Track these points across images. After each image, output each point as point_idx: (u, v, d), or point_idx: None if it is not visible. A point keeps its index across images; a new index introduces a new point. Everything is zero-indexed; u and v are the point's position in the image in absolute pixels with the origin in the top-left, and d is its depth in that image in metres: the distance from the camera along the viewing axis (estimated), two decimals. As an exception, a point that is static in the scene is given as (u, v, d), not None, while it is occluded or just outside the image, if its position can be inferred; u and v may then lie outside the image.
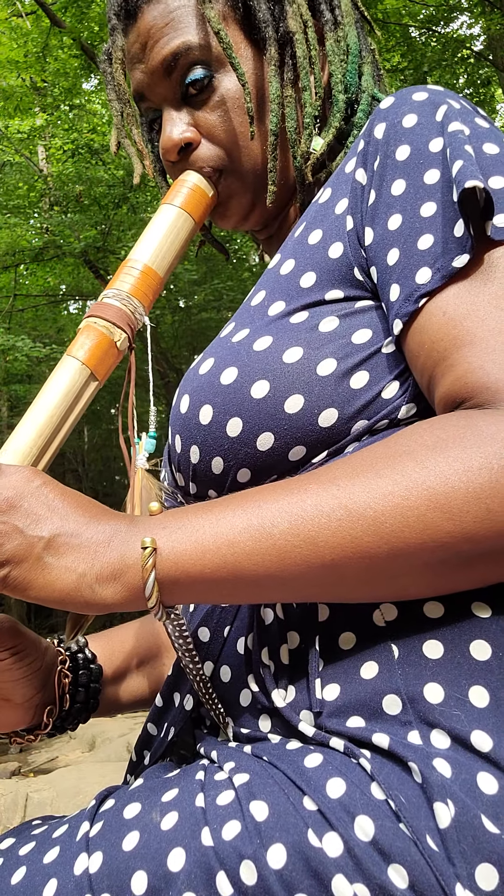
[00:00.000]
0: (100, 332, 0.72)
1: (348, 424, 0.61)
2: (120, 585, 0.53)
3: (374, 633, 0.56)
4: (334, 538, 0.50)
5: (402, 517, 0.49)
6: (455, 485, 0.49)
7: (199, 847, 0.49)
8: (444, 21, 8.61)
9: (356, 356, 0.62)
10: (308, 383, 0.61)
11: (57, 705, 0.77)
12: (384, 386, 0.61)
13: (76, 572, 0.53)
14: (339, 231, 0.67)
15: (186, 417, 0.66)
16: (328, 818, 0.47)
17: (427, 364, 0.58)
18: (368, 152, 0.67)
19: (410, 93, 0.67)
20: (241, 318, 0.70)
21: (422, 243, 0.59)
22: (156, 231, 0.80)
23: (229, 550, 0.52)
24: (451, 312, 0.56)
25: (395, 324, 0.60)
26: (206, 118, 0.78)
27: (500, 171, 0.60)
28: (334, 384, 0.61)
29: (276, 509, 0.52)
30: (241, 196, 0.82)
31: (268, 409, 0.61)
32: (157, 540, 0.53)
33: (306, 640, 0.59)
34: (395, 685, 0.53)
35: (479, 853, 0.45)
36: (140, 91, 0.81)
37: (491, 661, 0.53)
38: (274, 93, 0.78)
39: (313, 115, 0.79)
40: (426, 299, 0.58)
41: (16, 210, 9.12)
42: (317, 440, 0.61)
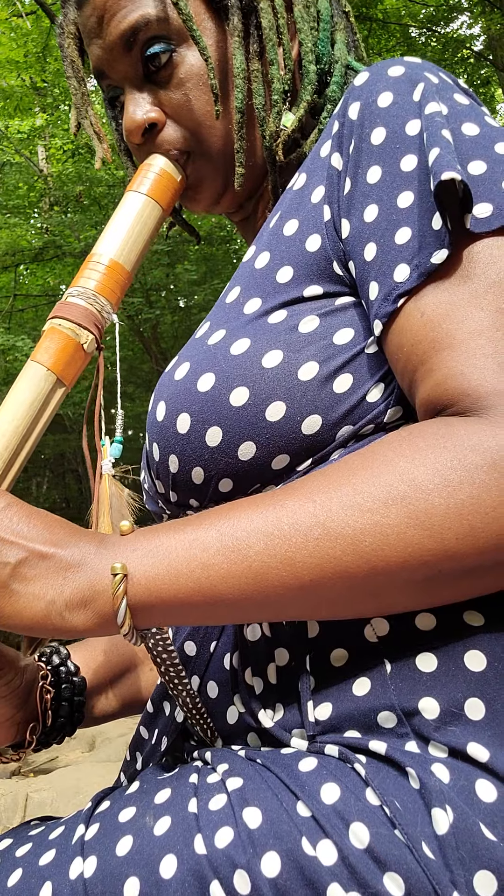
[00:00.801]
0: (65, 334, 0.69)
1: (333, 431, 0.58)
2: (91, 612, 0.52)
3: (366, 649, 0.54)
4: (312, 558, 0.48)
5: (381, 535, 0.47)
6: (435, 501, 0.47)
7: (192, 855, 0.48)
8: (444, 21, 8.62)
9: (338, 358, 0.59)
10: (289, 389, 0.58)
11: (40, 722, 0.75)
12: (369, 389, 0.59)
13: (45, 600, 0.51)
14: (316, 222, 0.64)
15: (163, 426, 0.63)
16: (322, 825, 0.46)
17: (407, 368, 0.55)
18: (343, 134, 0.64)
19: (386, 67, 0.63)
20: (217, 317, 0.66)
21: (399, 237, 0.56)
22: (121, 221, 0.75)
23: (203, 573, 0.50)
24: (429, 313, 0.54)
25: (375, 324, 0.57)
26: (170, 97, 0.73)
27: (479, 154, 0.56)
28: (317, 389, 0.58)
29: (251, 529, 0.50)
30: (211, 179, 0.78)
31: (248, 418, 0.58)
32: (128, 564, 0.51)
33: (296, 658, 0.57)
34: (389, 701, 0.52)
35: (478, 860, 0.44)
36: (99, 68, 0.76)
37: (486, 672, 0.51)
38: (238, 66, 0.72)
39: (283, 90, 0.74)
40: (405, 299, 0.55)
41: (16, 210, 9.13)
42: (300, 448, 0.58)
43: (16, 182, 9.24)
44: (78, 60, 0.79)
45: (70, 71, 0.80)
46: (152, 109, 0.74)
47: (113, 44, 0.72)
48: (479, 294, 0.53)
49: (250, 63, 0.74)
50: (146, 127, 0.74)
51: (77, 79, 0.80)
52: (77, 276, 0.73)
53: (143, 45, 0.72)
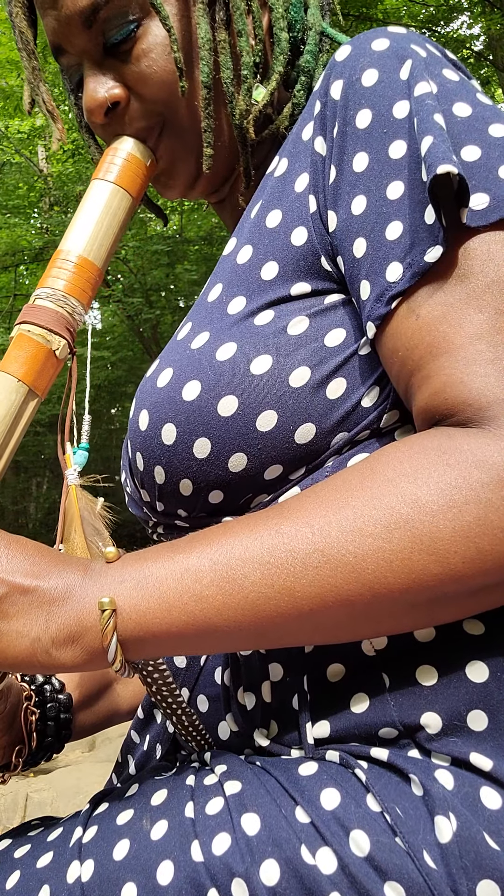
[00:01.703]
0: (35, 341, 0.65)
1: (328, 438, 0.56)
2: (79, 649, 0.48)
3: (363, 663, 0.52)
4: (312, 588, 0.46)
5: (384, 561, 0.45)
6: (441, 524, 0.44)
7: (189, 862, 0.47)
8: (444, 21, 8.62)
9: (331, 362, 0.56)
10: (280, 397, 0.55)
11: (26, 744, 0.73)
12: (364, 393, 0.56)
13: (29, 637, 0.48)
14: (301, 213, 0.59)
15: (147, 436, 0.59)
16: (322, 832, 0.45)
17: (402, 373, 0.52)
18: (326, 116, 0.59)
19: (369, 40, 0.59)
20: (199, 318, 0.62)
21: (390, 232, 0.53)
22: (89, 214, 0.70)
23: (197, 606, 0.47)
24: (424, 315, 0.50)
25: (368, 327, 0.54)
26: (133, 71, 0.67)
27: (473, 138, 0.52)
28: (309, 396, 0.55)
29: (246, 557, 0.47)
30: (184, 161, 0.72)
31: (238, 428, 0.55)
32: (117, 597, 0.48)
33: (290, 673, 0.55)
34: (390, 718, 0.50)
35: (481, 869, 0.43)
36: (56, 43, 0.69)
37: (489, 683, 0.49)
38: (203, 37, 0.67)
39: (253, 63, 0.68)
40: (398, 300, 0.52)
41: (16, 210, 9.13)
42: (294, 457, 0.56)
43: (16, 182, 9.24)
44: (28, 32, 0.73)
45: (20, 43, 0.74)
46: (115, 86, 0.68)
47: (70, 18, 0.66)
48: (476, 294, 0.49)
49: (216, 33, 0.68)
50: (109, 106, 0.69)
51: (27, 52, 0.74)
52: (44, 276, 0.69)
53: (103, 24, 0.66)
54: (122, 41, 0.66)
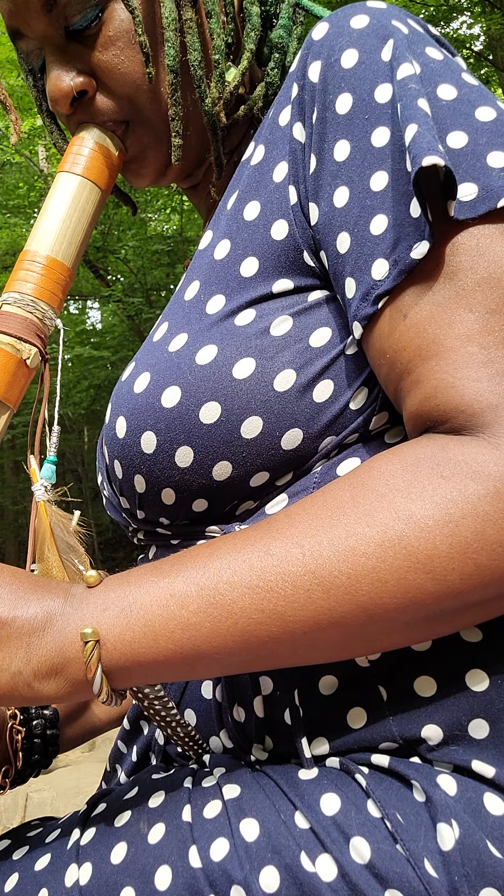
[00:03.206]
0: (4, 351, 0.62)
1: (315, 443, 0.54)
2: (63, 680, 0.46)
3: (357, 675, 0.51)
4: (304, 611, 0.44)
5: (379, 581, 0.43)
6: (437, 540, 0.42)
7: (187, 868, 0.46)
8: (444, 21, 8.61)
9: (317, 363, 0.54)
10: (265, 402, 0.53)
11: (12, 764, 0.72)
12: (351, 396, 0.54)
13: (9, 671, 0.46)
14: (281, 205, 0.57)
15: (125, 444, 0.56)
16: (321, 839, 0.45)
17: (391, 376, 0.50)
18: (304, 100, 0.56)
19: (348, 17, 0.55)
20: (176, 318, 0.59)
21: (374, 227, 0.50)
22: (56, 210, 0.66)
23: (184, 634, 0.45)
24: (412, 315, 0.48)
25: (354, 327, 0.52)
26: (99, 59, 0.64)
27: (459, 123, 0.49)
28: (295, 400, 0.53)
29: (234, 581, 0.45)
30: (154, 150, 0.69)
31: (221, 436, 0.53)
32: (100, 627, 0.46)
33: (281, 687, 0.53)
34: (389, 732, 0.49)
35: (484, 878, 0.42)
36: (13, 26, 0.65)
37: (489, 691, 0.48)
38: (168, 16, 0.62)
39: (224, 43, 0.64)
40: (385, 299, 0.49)
41: (16, 210, 9.12)
42: (281, 463, 0.54)
43: (16, 182, 9.23)
44: None
45: None
46: (79, 75, 0.65)
47: (27, 1, 0.62)
48: (466, 292, 0.47)
49: (182, 12, 0.63)
50: (74, 95, 0.65)
51: None
52: (11, 279, 0.65)
53: (64, 8, 0.62)
54: (86, 27, 0.63)
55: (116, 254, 9.22)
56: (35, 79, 0.72)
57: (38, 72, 0.70)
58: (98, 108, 0.66)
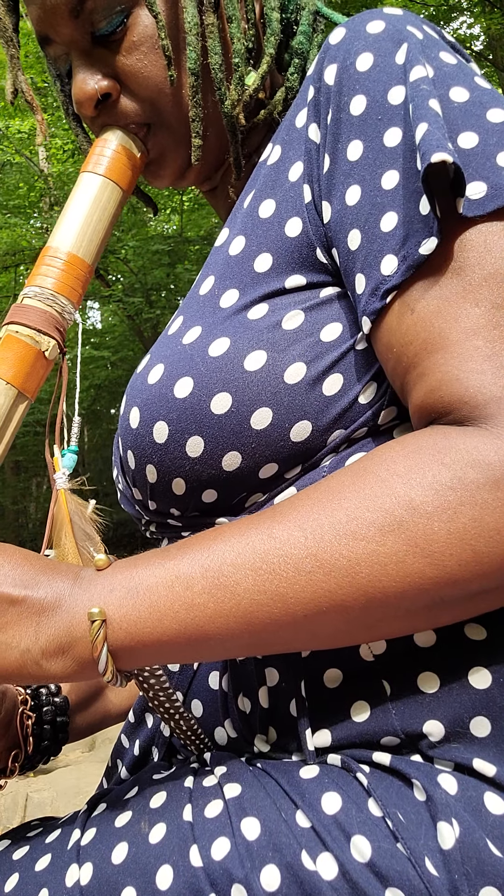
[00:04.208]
0: (24, 342, 0.63)
1: (324, 436, 0.54)
2: (69, 659, 0.47)
3: (362, 669, 0.51)
4: (305, 593, 0.44)
5: (378, 564, 0.43)
6: (435, 526, 0.43)
7: (188, 867, 0.46)
8: (444, 21, 8.62)
9: (327, 357, 0.55)
10: (275, 394, 0.53)
11: (22, 749, 0.73)
12: (360, 390, 0.55)
13: (18, 649, 0.47)
14: (295, 203, 0.58)
15: (138, 434, 0.58)
16: (322, 837, 0.45)
17: (398, 369, 0.51)
18: (320, 102, 0.57)
19: (364, 22, 0.57)
20: (190, 311, 0.60)
21: (385, 224, 0.51)
22: (78, 208, 0.68)
23: (188, 614, 0.46)
24: (419, 310, 0.49)
25: (363, 322, 0.53)
26: (123, 63, 0.66)
27: (470, 124, 0.50)
28: (305, 392, 0.54)
29: (238, 563, 0.46)
30: (174, 152, 0.71)
31: (231, 426, 0.54)
32: (107, 607, 0.47)
33: (287, 679, 0.54)
34: (391, 726, 0.49)
35: (484, 876, 0.42)
36: (42, 32, 0.68)
37: (492, 689, 0.48)
38: (190, 21, 0.64)
39: (245, 47, 0.66)
40: (393, 294, 0.50)
41: (16, 210, 9.13)
42: (289, 455, 0.54)
43: (16, 182, 9.25)
44: (6, 17, 0.71)
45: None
46: (104, 78, 0.67)
47: (55, 8, 0.64)
48: (473, 287, 0.47)
49: (204, 17, 0.65)
50: (99, 98, 0.67)
51: (5, 38, 0.72)
52: (33, 273, 0.67)
53: (91, 14, 0.64)
54: (112, 32, 0.65)
55: (116, 254, 9.23)
56: (62, 84, 0.74)
57: (66, 77, 0.72)
58: (121, 111, 0.68)
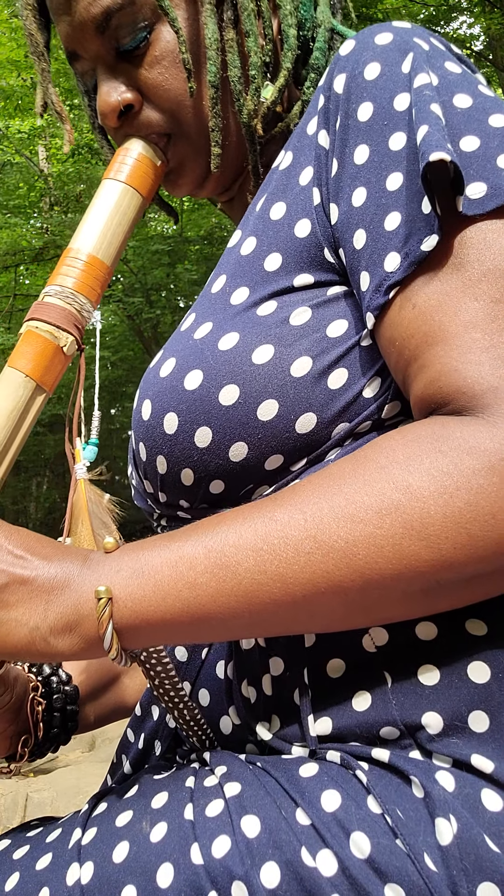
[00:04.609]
0: (43, 337, 0.66)
1: (328, 429, 0.56)
2: (76, 637, 0.49)
3: (364, 660, 0.52)
4: (304, 573, 0.46)
5: (375, 546, 0.45)
6: (431, 509, 0.44)
7: (189, 865, 0.47)
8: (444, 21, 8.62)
9: (332, 352, 0.56)
10: (282, 386, 0.55)
11: (32, 734, 0.74)
12: (365, 384, 0.56)
13: (28, 626, 0.49)
14: (305, 206, 0.60)
15: (149, 426, 0.60)
16: (322, 834, 0.45)
17: (400, 363, 0.52)
18: (329, 110, 0.60)
19: (373, 34, 0.59)
20: (202, 308, 0.63)
21: (388, 223, 0.53)
22: (99, 212, 0.71)
23: (191, 593, 0.48)
24: (420, 304, 0.50)
25: (367, 317, 0.55)
26: (145, 76, 0.69)
27: (472, 128, 0.52)
28: (310, 385, 0.55)
29: (240, 544, 0.48)
30: (193, 161, 0.74)
31: (239, 417, 0.55)
32: (113, 586, 0.49)
33: (291, 668, 0.55)
34: (391, 716, 0.50)
35: (482, 872, 0.43)
36: (70, 48, 0.72)
37: (490, 684, 0.49)
38: (210, 37, 0.68)
39: (262, 63, 0.69)
40: (395, 290, 0.52)
41: (16, 210, 9.13)
42: (295, 448, 0.56)
43: (16, 182, 9.24)
44: (38, 34, 0.74)
45: (30, 46, 0.75)
46: (127, 90, 0.70)
47: (83, 24, 0.68)
48: (473, 282, 0.49)
49: (224, 32, 0.69)
50: (121, 109, 0.71)
51: (37, 54, 0.75)
52: (54, 273, 0.70)
53: (116, 30, 0.68)
54: (135, 47, 0.68)
55: (116, 254, 9.22)
56: (89, 99, 0.77)
57: (92, 91, 0.75)
58: (143, 122, 0.71)
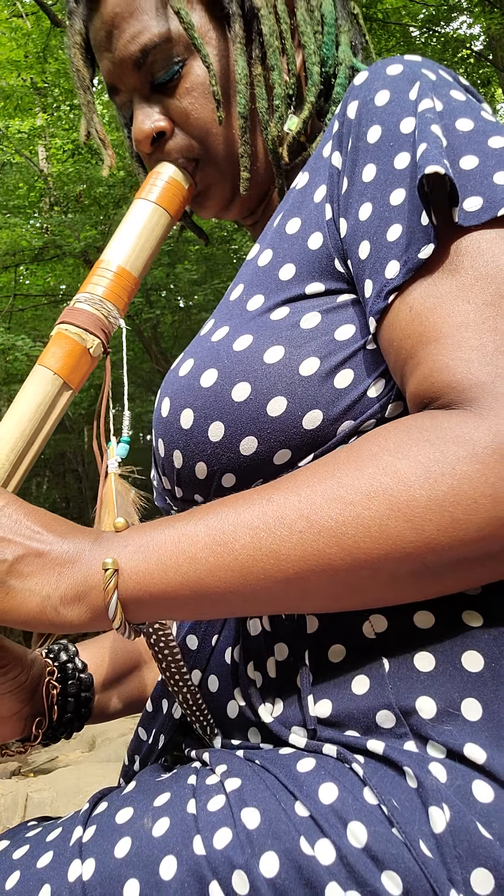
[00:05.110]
0: (72, 339, 0.71)
1: (334, 426, 0.58)
2: (84, 607, 0.53)
3: (364, 646, 0.55)
4: (296, 550, 0.49)
5: (362, 526, 0.48)
6: (416, 493, 0.47)
7: (192, 856, 0.48)
8: (444, 21, 8.62)
9: (339, 354, 0.59)
10: (290, 384, 0.58)
11: (46, 717, 0.77)
12: (370, 384, 0.59)
13: (40, 595, 0.53)
14: (318, 221, 0.64)
15: (167, 421, 0.64)
16: (320, 825, 0.46)
17: (397, 362, 0.56)
18: (343, 133, 0.65)
19: (385, 66, 0.64)
20: (221, 315, 0.67)
21: (390, 234, 0.57)
22: (130, 229, 0.78)
23: (191, 567, 0.51)
24: (417, 307, 0.54)
25: (370, 322, 0.58)
26: (177, 105, 0.76)
27: (472, 149, 0.56)
28: (318, 384, 0.58)
29: (238, 523, 0.51)
30: (219, 185, 0.80)
31: (249, 413, 0.59)
32: (119, 559, 0.53)
33: (295, 653, 0.58)
34: (387, 700, 0.52)
35: (475, 858, 0.44)
36: (111, 83, 0.79)
37: (483, 673, 0.51)
38: (240, 72, 0.74)
39: (287, 94, 0.76)
40: (394, 295, 0.55)
41: (16, 210, 9.12)
42: (302, 443, 0.59)
43: (16, 182, 9.24)
44: (84, 70, 0.81)
45: (77, 80, 0.82)
46: (160, 119, 0.76)
47: (123, 60, 0.75)
48: (466, 287, 0.52)
49: (252, 68, 0.75)
50: (154, 136, 0.77)
51: (83, 88, 0.82)
52: (85, 283, 0.76)
53: (151, 65, 0.74)
54: (169, 80, 0.75)
55: (116, 254, 9.23)
56: (128, 130, 0.83)
57: (130, 123, 0.81)
58: (173, 148, 0.78)
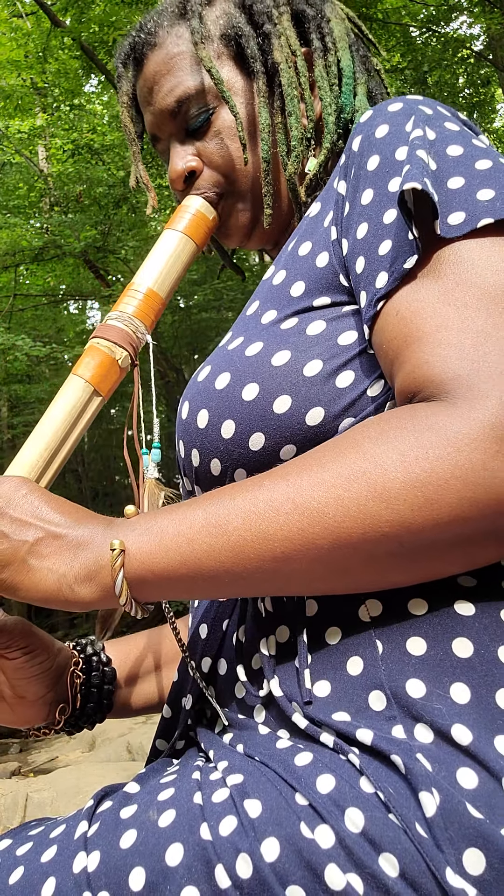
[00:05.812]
0: (102, 351, 0.79)
1: (335, 422, 0.62)
2: (95, 585, 0.58)
3: (359, 629, 0.58)
4: (283, 531, 0.53)
5: (343, 507, 0.52)
6: (392, 474, 0.51)
7: (198, 841, 0.50)
8: (444, 21, 8.63)
9: (342, 357, 0.64)
10: (295, 384, 0.63)
11: (69, 704, 0.82)
12: (369, 384, 0.63)
13: (57, 573, 0.59)
14: (325, 242, 0.70)
15: (187, 423, 0.69)
16: (319, 811, 0.49)
17: (387, 363, 0.60)
18: (348, 165, 0.71)
19: (388, 104, 0.71)
20: (238, 328, 0.73)
21: (382, 249, 0.62)
22: (159, 255, 0.87)
23: (189, 548, 0.56)
24: (402, 312, 0.58)
25: (365, 329, 0.63)
26: (206, 147, 0.87)
27: (459, 171, 0.62)
28: (320, 384, 0.62)
29: (232, 506, 0.56)
30: (240, 216, 0.89)
31: (258, 411, 0.63)
32: (126, 541, 0.58)
33: (295, 634, 0.61)
34: (379, 680, 0.55)
35: (466, 838, 0.46)
36: (153, 132, 0.90)
37: (472, 659, 0.54)
38: (264, 122, 0.84)
39: (305, 138, 0.85)
40: (383, 302, 0.60)
41: (16, 210, 9.14)
42: (305, 438, 0.62)
43: (16, 182, 9.26)
44: (131, 126, 0.94)
45: (126, 133, 0.95)
46: (192, 159, 0.87)
47: (161, 111, 0.87)
48: (447, 291, 0.57)
49: (274, 118, 0.85)
50: (186, 175, 0.88)
51: (130, 140, 0.95)
52: (117, 303, 0.85)
53: (185, 114, 0.86)
54: (200, 126, 0.86)
55: (116, 254, 9.24)
56: None
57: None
58: (202, 183, 0.88)
